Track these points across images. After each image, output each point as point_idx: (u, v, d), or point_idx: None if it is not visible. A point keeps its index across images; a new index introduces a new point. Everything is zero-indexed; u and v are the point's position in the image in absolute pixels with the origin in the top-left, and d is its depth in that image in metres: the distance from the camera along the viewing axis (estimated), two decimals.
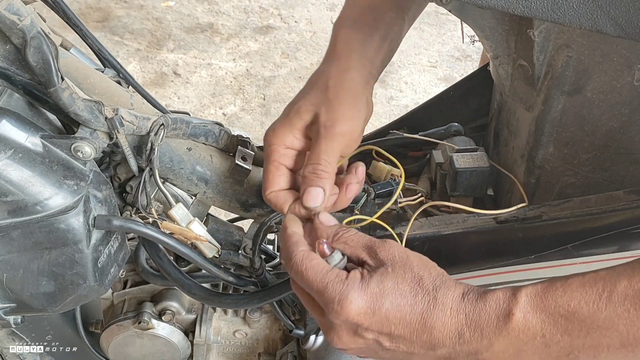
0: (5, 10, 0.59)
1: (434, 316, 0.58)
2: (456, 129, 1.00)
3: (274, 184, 0.72)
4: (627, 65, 0.72)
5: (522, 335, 0.55)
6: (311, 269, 0.62)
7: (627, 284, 0.52)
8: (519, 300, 0.56)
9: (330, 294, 0.60)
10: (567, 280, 0.55)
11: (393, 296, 0.59)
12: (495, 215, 0.82)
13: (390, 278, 0.60)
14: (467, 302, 0.58)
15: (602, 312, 0.53)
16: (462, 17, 0.76)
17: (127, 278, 1.02)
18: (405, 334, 0.59)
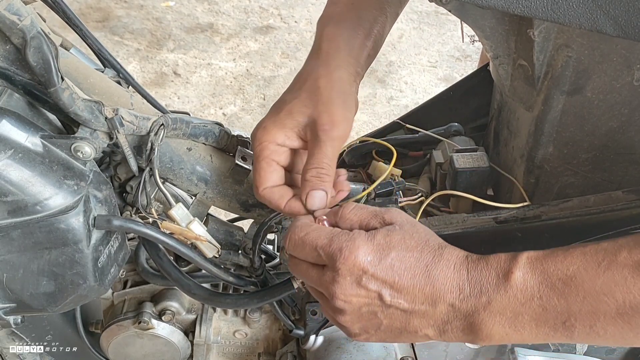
0: (5, 10, 0.59)
1: (438, 269, 0.60)
2: (456, 129, 1.00)
3: (268, 180, 0.72)
4: (626, 65, 0.72)
5: (520, 295, 0.57)
6: (313, 232, 0.64)
7: (627, 254, 0.53)
8: (519, 261, 0.57)
9: (336, 244, 0.61)
10: (569, 249, 0.57)
11: (399, 248, 0.61)
12: (497, 214, 0.82)
13: (397, 233, 0.62)
14: (470, 260, 0.60)
15: (600, 278, 0.54)
16: (462, 17, 0.76)
17: (127, 278, 1.02)
18: (408, 285, 0.60)
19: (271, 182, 0.72)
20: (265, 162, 0.72)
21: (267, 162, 0.72)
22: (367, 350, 0.87)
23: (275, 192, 0.72)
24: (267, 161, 0.72)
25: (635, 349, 0.86)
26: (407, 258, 0.61)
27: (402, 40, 3.39)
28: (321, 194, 0.70)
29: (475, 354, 0.89)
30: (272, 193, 0.72)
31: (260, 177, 0.72)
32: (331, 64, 0.75)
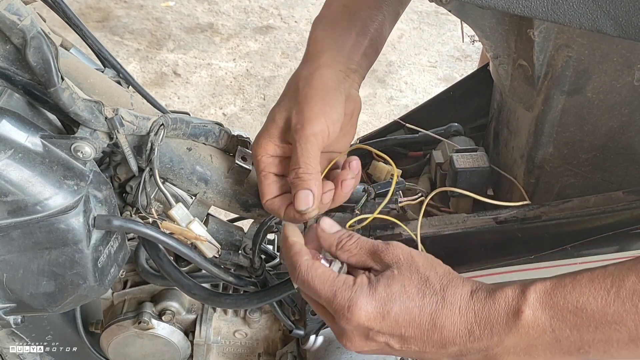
0: (5, 10, 0.59)
1: (443, 316, 0.59)
2: (456, 129, 1.00)
3: (268, 192, 0.73)
4: (627, 65, 0.72)
5: (532, 332, 0.56)
6: (317, 278, 0.63)
7: (635, 279, 0.53)
8: (527, 297, 0.57)
9: (339, 301, 0.61)
10: (576, 277, 0.56)
11: (401, 299, 0.60)
12: (497, 214, 0.82)
13: (397, 281, 0.61)
14: (476, 300, 0.59)
15: (610, 307, 0.53)
16: (462, 17, 0.76)
17: (127, 278, 1.02)
18: (415, 335, 0.60)
19: (271, 194, 0.73)
20: (262, 176, 0.73)
21: (264, 175, 0.73)
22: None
23: (275, 203, 0.73)
24: (264, 174, 0.73)
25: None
26: (411, 309, 0.60)
27: (402, 40, 3.39)
28: (305, 193, 0.69)
29: None
30: (273, 204, 0.73)
31: (262, 191, 0.74)
32: (313, 64, 0.75)
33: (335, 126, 0.72)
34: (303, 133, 0.69)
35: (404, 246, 0.64)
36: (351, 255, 0.65)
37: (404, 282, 0.61)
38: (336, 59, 0.76)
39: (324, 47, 0.77)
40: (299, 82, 0.74)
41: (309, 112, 0.70)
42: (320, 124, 0.70)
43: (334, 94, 0.73)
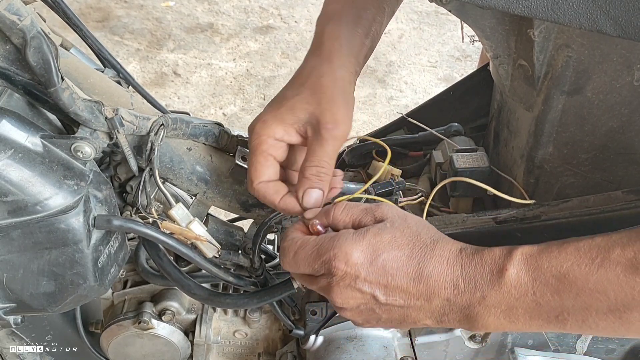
0: (5, 10, 0.59)
1: (431, 266, 0.60)
2: (456, 129, 1.00)
3: (263, 174, 0.71)
4: (627, 66, 0.72)
5: (514, 291, 0.57)
6: (301, 250, 0.64)
7: (620, 252, 0.54)
8: (513, 257, 0.58)
9: (325, 251, 0.62)
10: (563, 245, 0.57)
11: (390, 247, 0.61)
12: (496, 215, 0.82)
13: (387, 232, 0.62)
14: (464, 255, 0.61)
15: (593, 275, 0.54)
16: (462, 17, 0.76)
17: (127, 278, 1.02)
18: (402, 284, 0.61)
19: (266, 177, 0.71)
20: (262, 156, 0.71)
21: (264, 156, 0.71)
22: (367, 351, 0.88)
23: (270, 187, 0.71)
24: (264, 155, 0.71)
25: (635, 349, 0.87)
26: (399, 257, 0.61)
27: (402, 40, 3.39)
28: (318, 193, 0.69)
29: (475, 353, 0.89)
30: (267, 188, 0.71)
31: (256, 171, 0.71)
32: (334, 62, 0.75)
33: (349, 130, 0.72)
34: (334, 133, 0.69)
35: (396, 206, 0.66)
36: (346, 222, 0.65)
37: (394, 233, 0.62)
38: (349, 59, 0.77)
39: (340, 44, 0.77)
40: (322, 78, 0.73)
41: (339, 114, 0.70)
42: (347, 128, 0.71)
43: (351, 99, 0.74)
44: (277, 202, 0.71)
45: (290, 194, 0.71)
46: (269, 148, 0.71)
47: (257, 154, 0.71)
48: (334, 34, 0.78)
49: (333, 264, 0.61)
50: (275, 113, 0.71)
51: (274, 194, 0.71)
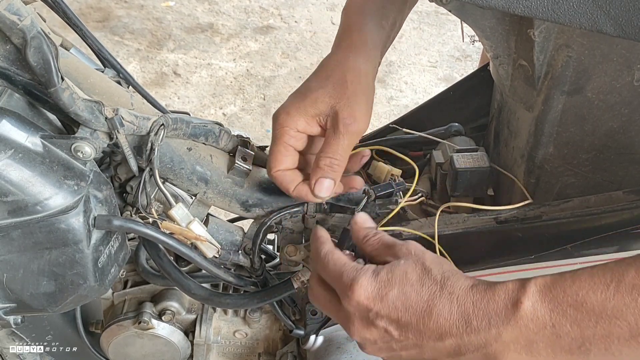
0: (5, 10, 0.59)
1: (440, 304, 0.59)
2: (456, 129, 1.00)
3: (282, 163, 0.75)
4: (627, 66, 0.72)
5: (532, 325, 0.55)
6: (332, 261, 0.66)
7: (634, 274, 0.53)
8: (527, 290, 0.56)
9: (344, 279, 0.63)
10: (577, 272, 0.56)
11: (401, 283, 0.61)
12: (497, 214, 0.82)
13: (400, 268, 0.62)
14: (475, 291, 0.59)
15: (610, 302, 0.53)
16: (462, 17, 0.76)
17: (127, 278, 1.02)
18: (412, 321, 0.60)
19: (284, 165, 0.75)
20: (283, 147, 0.75)
21: (284, 146, 0.75)
22: None
23: (287, 175, 0.75)
24: (285, 146, 0.75)
25: None
26: (408, 294, 0.60)
27: (402, 40, 3.39)
28: (329, 183, 0.73)
29: None
30: (285, 176, 0.75)
31: (276, 160, 0.75)
32: (359, 56, 0.77)
33: (367, 127, 0.75)
34: (351, 129, 0.72)
35: (419, 245, 0.65)
36: (373, 249, 0.68)
37: (406, 269, 0.62)
38: (374, 53, 0.79)
39: (366, 38, 0.79)
40: (347, 73, 0.75)
41: (359, 110, 0.73)
42: (364, 124, 0.73)
43: (372, 94, 0.76)
44: (291, 189, 0.75)
45: (304, 182, 0.75)
46: (290, 139, 0.75)
47: (279, 144, 0.75)
48: (360, 27, 0.80)
49: (349, 294, 0.62)
50: (299, 105, 0.74)
51: (290, 182, 0.75)
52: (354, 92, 0.73)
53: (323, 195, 0.74)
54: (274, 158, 0.75)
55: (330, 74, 0.76)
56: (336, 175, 0.73)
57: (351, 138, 0.73)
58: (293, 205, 0.84)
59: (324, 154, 0.73)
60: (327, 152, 0.73)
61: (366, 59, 0.77)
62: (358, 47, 0.78)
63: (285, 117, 0.74)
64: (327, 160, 0.72)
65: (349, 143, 0.73)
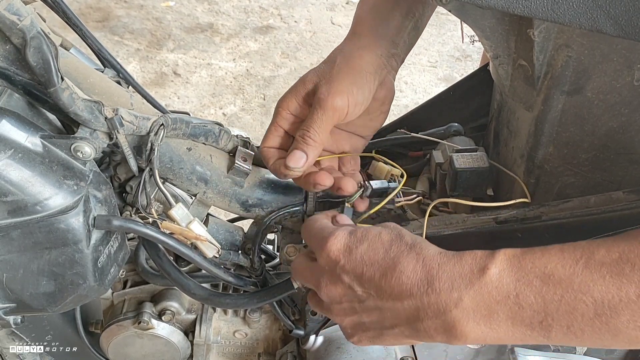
0: (5, 10, 0.59)
1: (405, 261, 0.59)
2: (456, 129, 1.00)
3: (269, 140, 0.78)
4: (627, 65, 0.72)
5: (495, 293, 0.54)
6: (316, 224, 0.69)
7: (605, 252, 0.52)
8: (495, 257, 0.56)
9: (324, 234, 0.65)
10: (547, 247, 0.55)
11: (372, 241, 0.62)
12: (497, 214, 0.81)
13: (376, 229, 0.64)
14: (444, 254, 0.58)
15: (577, 276, 0.52)
16: (462, 17, 0.76)
17: (127, 278, 1.02)
18: (374, 276, 0.60)
19: (272, 143, 0.78)
20: (273, 127, 0.78)
21: (275, 126, 0.78)
22: (367, 351, 0.87)
23: (270, 152, 0.78)
24: (275, 126, 0.78)
25: (635, 350, 0.86)
26: (377, 250, 0.61)
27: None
28: (300, 154, 0.74)
29: (475, 354, 0.89)
30: (268, 152, 0.78)
31: (266, 137, 0.78)
32: (357, 43, 0.78)
33: (356, 108, 0.75)
34: (325, 104, 0.73)
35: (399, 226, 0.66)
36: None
37: (381, 231, 0.63)
38: (379, 42, 0.78)
39: (369, 27, 0.79)
40: (337, 56, 0.77)
41: (336, 86, 0.74)
42: (342, 101, 0.73)
43: (368, 78, 0.76)
44: (270, 164, 0.78)
45: (281, 159, 0.77)
46: (281, 120, 0.78)
47: (271, 124, 0.78)
48: (366, 16, 0.81)
49: (322, 247, 0.64)
50: (293, 88, 0.78)
51: (271, 157, 0.78)
52: (337, 70, 0.75)
53: (292, 166, 0.74)
54: (265, 136, 0.79)
55: (327, 59, 0.78)
56: (309, 149, 0.74)
57: (325, 113, 0.73)
58: (293, 205, 0.84)
59: (300, 128, 0.75)
60: (302, 125, 0.75)
61: (363, 46, 0.77)
62: (358, 35, 0.79)
63: (281, 100, 0.78)
64: (300, 132, 0.74)
65: (323, 118, 0.73)
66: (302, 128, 0.75)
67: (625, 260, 0.51)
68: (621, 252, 0.51)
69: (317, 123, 0.74)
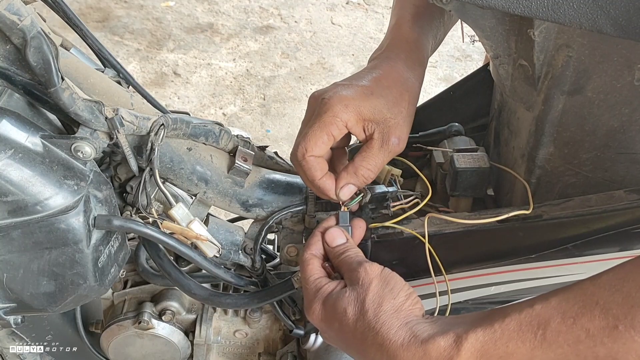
0: (5, 10, 0.59)
1: (372, 351, 0.62)
2: (456, 129, 1.00)
3: (319, 149, 0.73)
4: (627, 65, 0.72)
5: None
6: (304, 272, 0.72)
7: (559, 320, 0.53)
8: (460, 349, 0.57)
9: (307, 296, 0.70)
10: (505, 320, 0.56)
11: (340, 320, 0.65)
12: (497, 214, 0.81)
13: (342, 303, 0.65)
14: (405, 349, 0.59)
15: (537, 351, 0.54)
16: (463, 17, 0.76)
17: (127, 278, 1.02)
18: (351, 352, 0.66)
19: (319, 152, 0.73)
20: (326, 134, 0.72)
21: (328, 135, 0.72)
22: None
23: (318, 162, 0.73)
24: (329, 134, 0.72)
25: None
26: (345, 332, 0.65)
27: None
28: (351, 190, 0.75)
29: None
30: (316, 162, 0.73)
31: (315, 144, 0.72)
32: (416, 76, 0.78)
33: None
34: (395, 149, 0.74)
35: (371, 271, 0.67)
36: (339, 269, 0.72)
37: (347, 306, 0.65)
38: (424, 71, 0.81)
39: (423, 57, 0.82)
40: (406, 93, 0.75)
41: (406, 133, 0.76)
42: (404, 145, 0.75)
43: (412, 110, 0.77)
44: (317, 178, 0.74)
45: (329, 175, 0.75)
46: (335, 130, 0.72)
47: (323, 130, 0.72)
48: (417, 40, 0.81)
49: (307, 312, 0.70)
50: (359, 103, 0.72)
51: (318, 169, 0.74)
52: (408, 114, 0.75)
53: (344, 199, 0.75)
54: (313, 142, 0.72)
55: (392, 85, 0.75)
56: (363, 185, 0.75)
57: (391, 156, 0.74)
58: (293, 205, 0.84)
59: (365, 164, 0.73)
60: (368, 162, 0.73)
61: (419, 78, 0.79)
62: (415, 66, 0.79)
63: (341, 108, 0.71)
64: (365, 172, 0.73)
65: (387, 160, 0.74)
66: (369, 167, 0.73)
67: (579, 327, 0.52)
68: (574, 317, 0.52)
69: (382, 164, 0.74)
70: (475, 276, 0.81)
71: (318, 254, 0.73)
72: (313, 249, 0.73)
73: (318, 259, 0.73)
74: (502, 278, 0.81)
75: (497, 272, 0.81)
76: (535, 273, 0.79)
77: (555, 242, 0.78)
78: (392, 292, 0.64)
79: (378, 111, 0.73)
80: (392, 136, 0.73)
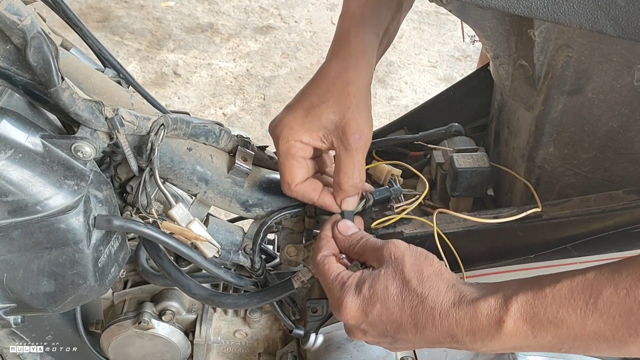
0: (5, 10, 0.59)
1: (424, 318, 0.61)
2: (456, 129, 1.00)
3: (298, 175, 0.75)
4: (627, 66, 0.72)
5: (515, 338, 0.58)
6: (324, 272, 0.69)
7: (612, 290, 0.54)
8: (509, 308, 0.58)
9: (334, 295, 0.66)
10: (556, 286, 0.57)
11: (382, 299, 0.63)
12: (497, 214, 0.81)
13: (381, 282, 0.64)
14: (457, 309, 0.60)
15: (588, 319, 0.55)
16: (462, 17, 0.76)
17: (127, 278, 1.02)
18: (399, 334, 0.63)
19: (301, 177, 0.75)
20: (295, 160, 0.74)
21: (295, 159, 0.74)
22: (367, 350, 0.87)
23: (307, 186, 0.76)
24: (296, 158, 0.74)
25: None
26: (391, 309, 0.63)
27: (402, 40, 3.39)
28: (354, 198, 0.77)
29: (475, 354, 0.89)
30: (305, 187, 0.76)
31: (292, 174, 0.75)
32: (359, 67, 0.76)
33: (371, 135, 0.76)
34: (360, 144, 0.72)
35: (400, 245, 0.66)
36: (359, 256, 0.70)
37: (387, 283, 0.63)
38: (372, 62, 0.78)
39: (365, 48, 0.78)
40: (349, 86, 0.74)
41: (363, 123, 0.73)
42: (370, 135, 0.74)
43: (370, 103, 0.76)
44: (316, 199, 0.76)
45: (326, 190, 0.76)
46: (298, 151, 0.74)
47: (289, 158, 0.74)
48: (357, 35, 0.78)
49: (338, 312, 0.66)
50: (303, 121, 0.74)
51: (312, 192, 0.76)
52: (357, 105, 0.73)
53: (351, 209, 0.76)
54: (289, 173, 0.75)
55: (331, 87, 0.74)
56: (359, 191, 0.76)
57: (363, 152, 0.73)
58: (293, 205, 0.84)
59: (342, 175, 0.74)
60: (344, 172, 0.73)
61: (365, 69, 0.76)
62: (357, 57, 0.76)
63: (289, 132, 0.73)
64: (348, 181, 0.74)
65: (362, 157, 0.74)
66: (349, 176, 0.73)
67: (633, 298, 0.53)
68: (628, 288, 0.53)
69: (360, 164, 0.74)
70: (475, 276, 0.81)
71: (330, 253, 0.72)
72: (324, 250, 0.72)
73: (332, 257, 0.72)
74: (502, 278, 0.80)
75: (496, 272, 0.81)
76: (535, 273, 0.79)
77: (555, 242, 0.78)
78: (427, 259, 0.65)
79: (325, 119, 0.73)
80: (349, 135, 0.72)
